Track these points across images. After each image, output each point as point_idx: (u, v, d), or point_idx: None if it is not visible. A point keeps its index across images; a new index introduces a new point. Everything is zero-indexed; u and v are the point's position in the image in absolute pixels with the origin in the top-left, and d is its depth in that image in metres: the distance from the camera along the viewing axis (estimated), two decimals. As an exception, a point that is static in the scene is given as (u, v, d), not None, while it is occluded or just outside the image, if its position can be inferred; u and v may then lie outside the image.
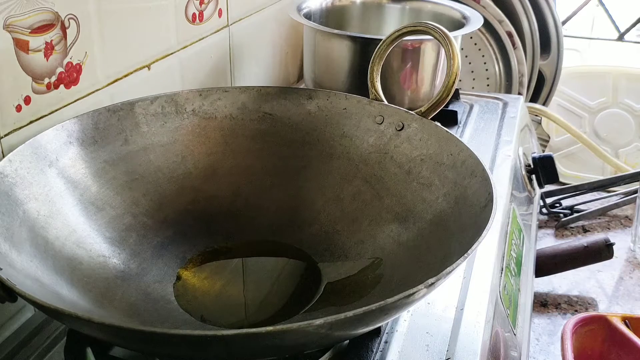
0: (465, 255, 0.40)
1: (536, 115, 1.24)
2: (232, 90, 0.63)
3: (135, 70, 0.67)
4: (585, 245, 0.87)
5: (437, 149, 0.55)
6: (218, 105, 0.63)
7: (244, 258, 0.58)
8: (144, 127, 0.60)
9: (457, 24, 0.85)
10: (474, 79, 1.14)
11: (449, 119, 0.85)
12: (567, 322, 0.67)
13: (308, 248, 0.58)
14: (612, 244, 0.87)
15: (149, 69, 0.68)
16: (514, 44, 1.12)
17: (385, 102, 0.61)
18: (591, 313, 0.69)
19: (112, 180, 0.56)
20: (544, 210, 1.09)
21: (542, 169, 0.92)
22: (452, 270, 0.39)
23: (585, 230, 1.05)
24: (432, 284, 0.38)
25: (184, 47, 0.74)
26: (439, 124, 0.57)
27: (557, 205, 1.10)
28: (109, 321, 0.35)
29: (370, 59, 0.62)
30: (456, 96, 0.92)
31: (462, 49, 1.04)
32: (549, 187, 1.11)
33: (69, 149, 0.55)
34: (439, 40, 0.58)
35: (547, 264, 0.88)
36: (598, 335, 0.68)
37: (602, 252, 0.87)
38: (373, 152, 0.59)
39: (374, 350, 0.49)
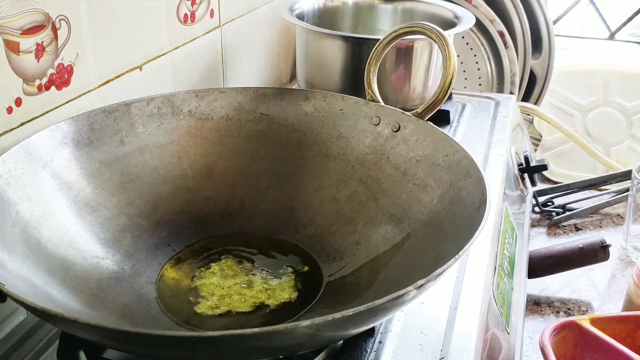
0: (456, 257, 0.40)
1: (528, 115, 1.24)
2: (228, 91, 0.63)
3: (127, 71, 0.66)
4: (581, 246, 0.87)
5: (432, 150, 0.55)
6: (214, 106, 0.63)
7: (238, 259, 0.57)
8: (140, 128, 0.59)
9: (449, 24, 0.85)
10: (466, 79, 1.14)
11: (441, 118, 0.85)
12: (542, 334, 0.67)
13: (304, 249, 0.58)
14: (607, 246, 0.87)
15: (140, 69, 0.68)
16: (505, 44, 1.12)
17: (382, 103, 0.61)
18: (562, 320, 0.69)
19: (107, 181, 0.56)
20: (536, 209, 1.09)
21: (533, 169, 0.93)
22: (442, 272, 0.39)
23: (577, 228, 1.05)
24: (422, 285, 0.38)
25: (176, 48, 0.74)
26: (434, 125, 0.57)
27: (550, 203, 1.11)
28: (94, 322, 0.35)
29: (364, 59, 0.62)
30: (448, 96, 0.92)
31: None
32: (541, 186, 1.11)
33: (64, 149, 0.54)
34: (435, 41, 0.58)
35: (541, 266, 0.88)
36: (569, 341, 0.68)
37: (597, 253, 0.87)
38: (369, 153, 0.59)
39: (368, 350, 0.49)
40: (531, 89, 1.24)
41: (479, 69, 1.13)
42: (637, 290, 0.77)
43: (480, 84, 1.14)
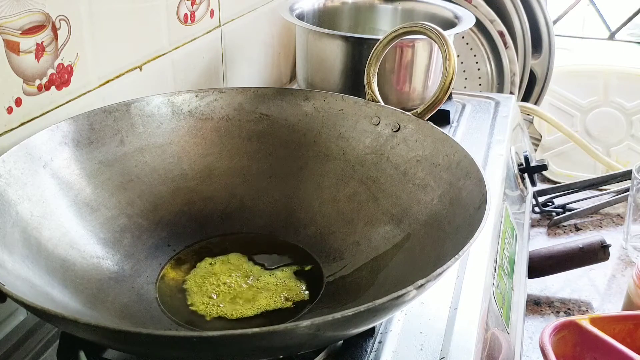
0: (456, 257, 0.40)
1: (528, 115, 1.25)
2: (228, 91, 0.63)
3: (127, 71, 0.66)
4: (581, 246, 0.87)
5: (432, 150, 0.56)
6: (214, 106, 0.63)
7: (238, 260, 0.57)
8: (140, 128, 0.59)
9: (449, 24, 0.85)
10: (466, 79, 1.14)
11: (441, 118, 0.85)
12: (542, 334, 0.67)
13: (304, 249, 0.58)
14: (607, 246, 0.87)
15: (140, 69, 0.68)
16: (505, 44, 1.12)
17: (382, 103, 0.61)
18: (562, 319, 0.69)
19: (107, 181, 0.56)
20: (536, 209, 1.09)
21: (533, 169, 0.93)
22: (442, 272, 0.39)
23: (577, 228, 1.05)
24: (422, 285, 0.38)
25: (176, 48, 0.74)
26: (434, 125, 0.57)
27: (550, 203, 1.11)
28: (94, 322, 0.35)
29: (364, 59, 0.62)
30: (448, 96, 0.93)
31: (454, 48, 1.04)
32: (541, 186, 1.11)
33: (64, 149, 0.54)
34: (435, 41, 0.58)
35: (542, 265, 0.88)
36: (569, 341, 0.68)
37: (597, 253, 0.87)
38: (369, 153, 0.59)
39: (368, 350, 0.49)
40: (531, 89, 1.24)
41: (479, 69, 1.13)
42: (637, 290, 0.77)
43: (480, 84, 1.14)
